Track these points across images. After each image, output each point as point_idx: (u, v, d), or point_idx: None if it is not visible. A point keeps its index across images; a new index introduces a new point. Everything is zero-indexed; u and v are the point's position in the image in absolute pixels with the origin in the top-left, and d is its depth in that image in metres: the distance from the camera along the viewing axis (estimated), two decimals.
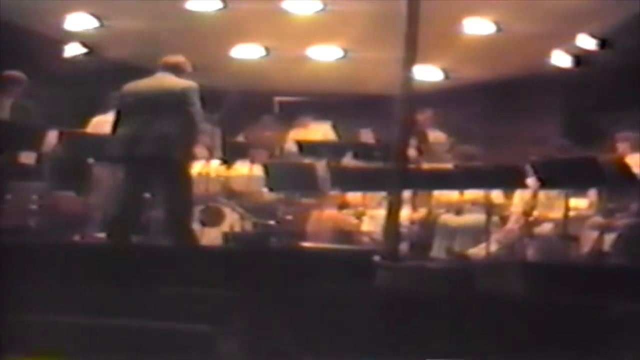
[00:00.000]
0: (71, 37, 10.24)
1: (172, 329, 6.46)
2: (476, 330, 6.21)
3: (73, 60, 10.27)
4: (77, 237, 8.51)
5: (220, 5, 9.66)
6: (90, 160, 9.03)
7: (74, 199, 9.15)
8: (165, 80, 7.96)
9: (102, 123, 9.42)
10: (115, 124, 7.98)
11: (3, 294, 6.37)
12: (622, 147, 8.44)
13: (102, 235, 8.74)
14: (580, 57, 9.85)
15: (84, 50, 10.34)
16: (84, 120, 9.47)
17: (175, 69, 8.03)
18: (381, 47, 9.07)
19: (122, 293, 6.69)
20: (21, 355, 6.07)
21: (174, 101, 7.79)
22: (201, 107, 7.94)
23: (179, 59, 8.19)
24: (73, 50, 10.32)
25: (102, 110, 9.56)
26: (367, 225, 9.04)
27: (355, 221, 9.25)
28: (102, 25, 10.02)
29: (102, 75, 10.00)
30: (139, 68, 10.58)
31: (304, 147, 9.41)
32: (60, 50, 10.26)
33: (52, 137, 8.62)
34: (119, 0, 9.67)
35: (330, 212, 9.37)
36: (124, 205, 7.92)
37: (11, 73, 8.76)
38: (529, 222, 8.45)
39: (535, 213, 8.55)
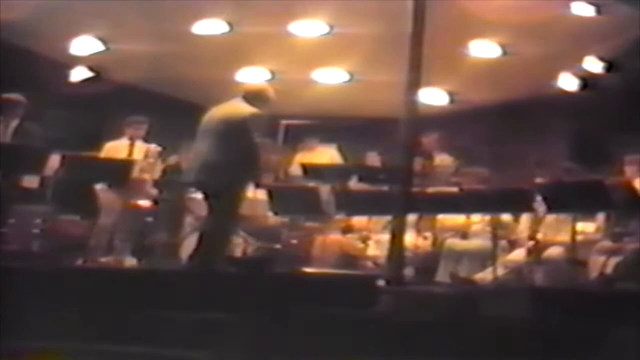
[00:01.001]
0: (77, 60, 10.24)
1: (176, 355, 6.43)
2: (481, 355, 6.17)
3: (79, 84, 10.26)
4: (80, 261, 8.46)
5: (227, 28, 9.65)
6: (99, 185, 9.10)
7: (78, 223, 9.13)
8: (234, 107, 7.97)
9: (115, 148, 9.48)
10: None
11: (6, 317, 6.35)
12: (629, 170, 8.37)
13: (104, 259, 8.75)
14: (587, 80, 9.80)
15: (90, 74, 10.33)
16: (95, 144, 9.47)
17: (253, 97, 8.03)
18: (387, 70, 9.04)
19: (125, 317, 6.68)
20: None
21: (233, 130, 7.79)
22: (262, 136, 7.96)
23: (258, 86, 8.34)
24: (79, 74, 10.31)
25: (114, 135, 9.64)
26: (372, 250, 8.96)
27: (360, 246, 9.17)
28: (108, 49, 10.02)
29: (108, 99, 10.01)
30: (146, 91, 10.70)
31: (309, 171, 9.35)
32: (67, 74, 10.26)
33: (55, 160, 8.61)
34: (125, 23, 9.67)
35: (335, 237, 9.30)
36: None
37: (11, 96, 8.73)
38: (536, 247, 8.36)
39: (543, 237, 8.47)
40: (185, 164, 9.06)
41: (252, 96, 8.03)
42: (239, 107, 7.94)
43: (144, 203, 9.38)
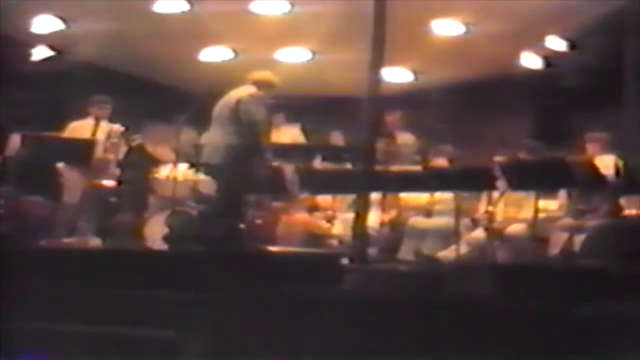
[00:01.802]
0: (38, 39, 10.13)
1: (139, 335, 6.42)
2: (444, 332, 6.19)
3: (40, 62, 10.15)
4: (43, 242, 8.40)
5: (187, 7, 9.57)
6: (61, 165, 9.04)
7: (40, 203, 9.05)
8: (238, 92, 8.46)
9: (79, 128, 9.41)
10: None
11: None
12: (591, 148, 8.42)
13: (68, 239, 8.70)
14: (550, 59, 9.85)
15: (51, 52, 10.23)
16: (57, 124, 9.40)
17: (262, 85, 8.53)
18: (349, 49, 9.06)
19: (92, 298, 6.65)
20: None
21: (229, 112, 8.37)
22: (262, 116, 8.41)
23: (267, 75, 8.64)
24: (40, 52, 10.21)
25: (78, 115, 9.56)
26: (337, 229, 8.98)
27: (325, 225, 9.18)
28: (68, 28, 9.92)
29: (69, 78, 9.91)
30: (107, 70, 10.62)
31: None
32: (28, 53, 10.14)
33: (15, 140, 8.55)
34: (85, 1, 9.57)
35: (300, 216, 9.30)
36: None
37: None
38: (498, 224, 8.42)
39: (504, 214, 8.52)
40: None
41: (262, 84, 8.51)
42: (236, 92, 8.47)
43: (108, 183, 9.34)
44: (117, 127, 9.43)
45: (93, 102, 9.54)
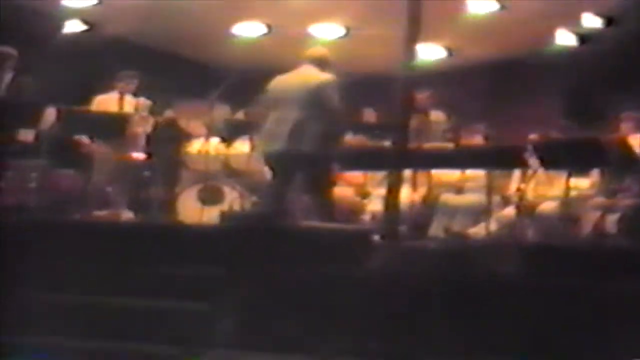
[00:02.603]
0: (70, 13, 10.16)
1: (170, 307, 6.47)
2: (474, 310, 6.19)
3: (73, 36, 10.19)
4: (76, 215, 8.46)
5: None
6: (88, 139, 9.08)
7: (73, 177, 9.12)
8: (308, 74, 8.10)
9: (105, 101, 9.46)
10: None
11: (3, 271, 6.37)
12: (625, 127, 8.35)
13: (101, 212, 8.76)
14: (585, 36, 9.76)
15: (83, 27, 10.27)
16: (87, 98, 9.44)
17: (320, 62, 8.19)
18: (384, 25, 9.00)
19: (121, 271, 6.72)
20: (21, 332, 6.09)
21: (312, 96, 7.93)
22: (339, 102, 8.07)
23: (322, 51, 8.38)
24: (73, 27, 10.25)
25: (104, 89, 9.59)
26: (370, 205, 8.97)
27: (358, 200, 9.18)
28: (100, 2, 9.94)
29: (102, 53, 9.94)
30: (139, 45, 10.65)
31: None
32: (60, 27, 10.19)
33: (50, 114, 8.60)
34: None
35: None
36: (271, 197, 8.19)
37: (2, 48, 8.67)
38: (530, 202, 8.39)
39: (536, 193, 8.49)
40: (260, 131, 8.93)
41: (320, 61, 8.22)
42: (315, 75, 8.09)
43: (138, 156, 9.40)
44: (144, 101, 9.50)
45: (121, 77, 9.58)
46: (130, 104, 9.49)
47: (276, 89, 8.17)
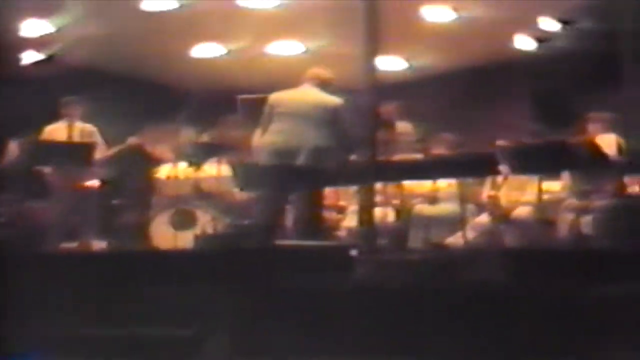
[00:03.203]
0: (28, 44, 10.04)
1: (152, 334, 6.38)
2: (458, 319, 6.18)
3: (32, 66, 10.07)
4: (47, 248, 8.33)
5: (176, 4, 9.49)
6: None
7: (42, 209, 8.98)
8: (315, 94, 8.31)
9: (55, 131, 9.33)
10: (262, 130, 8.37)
11: None
12: (592, 128, 8.41)
13: (72, 244, 8.64)
14: (544, 40, 9.84)
15: (41, 56, 10.15)
16: (38, 129, 9.32)
17: (323, 84, 8.39)
18: (342, 40, 9.02)
19: (97, 299, 6.60)
20: None
21: (328, 117, 8.17)
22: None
23: (326, 73, 8.50)
24: (31, 56, 10.13)
25: (54, 118, 9.47)
26: (348, 221, 8.95)
27: (334, 216, 9.16)
28: (58, 31, 9.81)
29: (62, 81, 9.83)
30: (99, 71, 10.53)
31: None
32: (18, 57, 10.05)
33: (13, 147, 8.48)
34: (73, 4, 9.48)
35: None
36: (268, 211, 8.21)
37: None
38: (503, 208, 8.42)
39: (509, 198, 8.53)
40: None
41: (324, 84, 8.42)
42: (325, 96, 8.30)
43: (103, 184, 9.29)
44: (90, 127, 9.40)
45: (65, 103, 9.47)
46: (77, 130, 9.38)
47: (285, 104, 8.28)
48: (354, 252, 7.19)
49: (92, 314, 6.56)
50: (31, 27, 9.82)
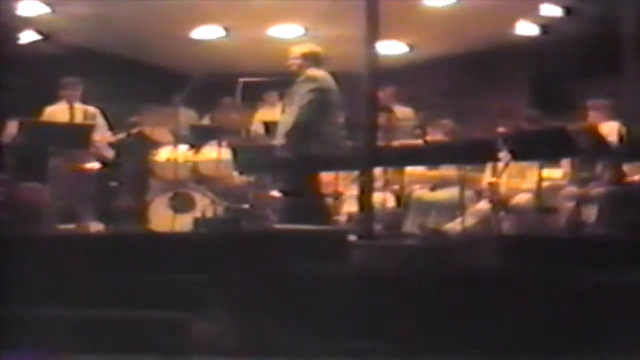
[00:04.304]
0: (25, 23, 9.98)
1: (148, 317, 6.37)
2: (455, 305, 6.17)
3: (29, 47, 10.01)
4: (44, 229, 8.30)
5: None
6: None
7: (39, 190, 8.94)
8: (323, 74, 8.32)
9: (55, 112, 9.30)
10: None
11: None
12: (593, 115, 8.39)
13: (69, 225, 8.61)
14: (546, 26, 9.79)
15: (38, 37, 10.10)
16: (37, 110, 9.27)
17: (313, 59, 8.45)
18: (343, 24, 8.97)
19: (91, 282, 6.58)
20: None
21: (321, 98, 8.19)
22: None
23: (315, 48, 8.58)
24: (28, 37, 10.07)
25: (54, 99, 9.43)
26: (347, 206, 8.91)
27: (331, 201, 9.12)
28: (54, 11, 9.76)
29: (59, 62, 9.78)
30: (96, 53, 10.49)
31: (271, 128, 9.23)
32: (15, 37, 10.00)
33: (12, 127, 8.44)
34: None
35: None
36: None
37: None
38: (503, 195, 8.40)
39: (509, 185, 8.50)
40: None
41: (313, 58, 8.47)
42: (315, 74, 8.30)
43: (102, 166, 9.26)
44: (92, 109, 9.36)
45: (65, 85, 9.42)
46: (79, 112, 9.35)
47: (326, 87, 8.30)
48: (352, 237, 7.19)
49: (90, 296, 6.56)
50: (29, 7, 9.74)
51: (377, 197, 7.84)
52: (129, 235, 7.82)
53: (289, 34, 10.40)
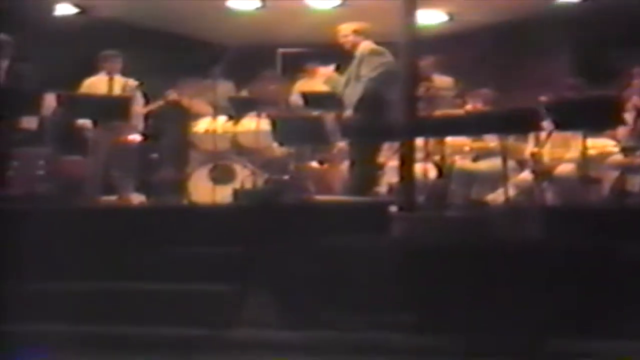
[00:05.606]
0: None
1: (187, 290, 6.37)
2: (497, 277, 6.12)
3: (65, 20, 10.01)
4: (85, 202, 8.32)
5: None
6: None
7: (80, 163, 8.97)
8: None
9: (94, 84, 9.32)
10: None
11: (14, 260, 6.24)
12: (637, 83, 8.26)
13: (109, 198, 8.63)
14: None
15: (75, 10, 10.10)
16: (77, 82, 9.29)
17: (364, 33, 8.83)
18: None
19: (135, 255, 6.61)
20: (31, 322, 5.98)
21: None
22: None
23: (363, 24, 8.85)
24: (64, 10, 10.06)
25: (91, 71, 9.44)
26: (388, 177, 8.85)
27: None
28: None
29: (97, 35, 9.77)
30: (132, 25, 10.47)
31: (310, 100, 9.17)
32: (52, 11, 10.00)
33: (50, 100, 8.44)
34: None
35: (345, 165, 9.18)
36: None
37: None
38: (546, 165, 8.30)
39: (552, 155, 8.40)
40: None
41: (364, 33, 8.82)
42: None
43: (142, 138, 9.27)
44: (132, 81, 9.35)
45: (105, 57, 9.44)
46: (119, 84, 9.35)
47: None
48: (393, 209, 7.14)
49: (130, 267, 6.59)
50: None
51: (418, 168, 7.77)
52: (169, 208, 7.85)
53: (326, 3, 10.30)
